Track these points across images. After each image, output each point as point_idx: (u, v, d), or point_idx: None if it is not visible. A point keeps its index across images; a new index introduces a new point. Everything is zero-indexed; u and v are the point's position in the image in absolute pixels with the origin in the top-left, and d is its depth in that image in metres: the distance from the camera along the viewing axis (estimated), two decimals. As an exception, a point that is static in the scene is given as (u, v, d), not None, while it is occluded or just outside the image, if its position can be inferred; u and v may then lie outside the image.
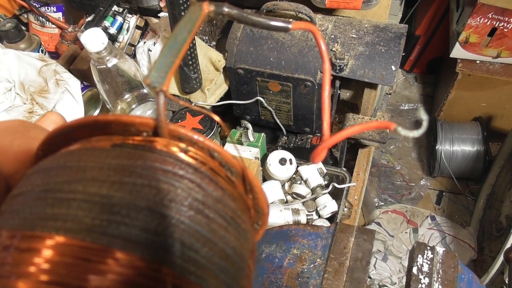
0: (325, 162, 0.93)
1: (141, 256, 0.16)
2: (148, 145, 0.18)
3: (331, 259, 0.64)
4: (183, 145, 0.18)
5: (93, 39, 0.83)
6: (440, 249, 0.62)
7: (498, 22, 1.47)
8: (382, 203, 1.81)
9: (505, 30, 1.48)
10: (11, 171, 0.21)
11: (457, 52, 1.60)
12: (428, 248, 0.62)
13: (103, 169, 0.17)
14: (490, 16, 1.46)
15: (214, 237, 0.17)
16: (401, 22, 1.84)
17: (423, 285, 0.60)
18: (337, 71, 0.85)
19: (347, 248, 0.65)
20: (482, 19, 1.47)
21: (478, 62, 1.62)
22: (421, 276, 0.61)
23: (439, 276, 0.61)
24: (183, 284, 0.16)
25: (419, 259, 0.62)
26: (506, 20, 1.45)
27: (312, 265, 0.65)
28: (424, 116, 0.26)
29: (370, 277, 1.62)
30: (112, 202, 0.16)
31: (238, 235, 0.19)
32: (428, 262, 0.62)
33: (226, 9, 0.22)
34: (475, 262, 1.58)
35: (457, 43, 1.57)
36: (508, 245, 1.21)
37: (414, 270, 0.61)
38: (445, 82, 1.80)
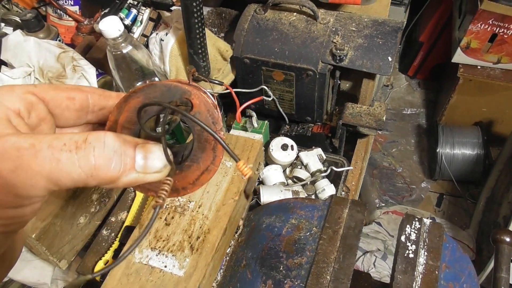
0: (325, 150, 0.97)
1: None
2: None
3: (326, 228, 0.68)
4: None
5: (110, 26, 0.89)
6: (427, 221, 0.66)
7: (498, 28, 1.51)
8: (383, 204, 1.84)
9: (505, 36, 1.53)
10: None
11: (459, 57, 1.65)
12: (416, 219, 0.66)
13: None
14: (490, 22, 1.51)
15: None
16: (405, 29, 1.89)
17: (410, 251, 0.64)
18: (337, 61, 0.90)
19: (341, 218, 0.70)
20: (483, 25, 1.52)
21: (479, 67, 1.67)
22: (408, 244, 0.65)
23: (425, 243, 0.65)
24: None
25: (407, 229, 0.66)
26: (506, 26, 1.50)
27: (308, 233, 0.69)
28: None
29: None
30: None
31: None
32: (416, 232, 0.66)
33: None
34: (474, 263, 1.60)
35: (459, 49, 1.62)
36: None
37: (403, 238, 0.65)
38: (447, 87, 1.84)
